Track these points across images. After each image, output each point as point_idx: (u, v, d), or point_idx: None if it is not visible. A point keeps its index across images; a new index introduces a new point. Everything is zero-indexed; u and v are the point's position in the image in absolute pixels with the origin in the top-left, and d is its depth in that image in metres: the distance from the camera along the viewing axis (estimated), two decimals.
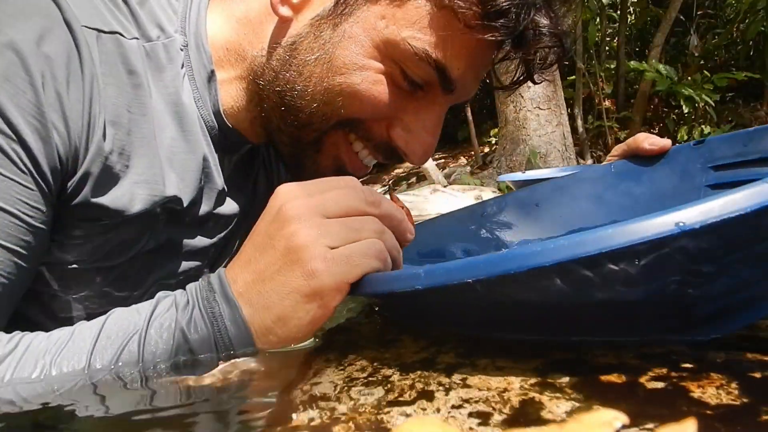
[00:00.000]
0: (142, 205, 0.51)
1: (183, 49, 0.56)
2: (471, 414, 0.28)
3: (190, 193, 0.56)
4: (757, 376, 0.28)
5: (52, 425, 0.35)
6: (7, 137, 0.43)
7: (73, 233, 0.50)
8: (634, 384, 0.29)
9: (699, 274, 0.29)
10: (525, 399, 0.29)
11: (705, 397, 0.27)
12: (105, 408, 0.37)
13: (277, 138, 0.59)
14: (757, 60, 5.00)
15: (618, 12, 5.25)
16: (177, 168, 0.54)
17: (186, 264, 0.60)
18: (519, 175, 2.32)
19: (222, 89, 0.57)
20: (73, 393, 0.39)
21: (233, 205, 0.63)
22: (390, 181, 5.12)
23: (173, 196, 0.53)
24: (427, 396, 0.31)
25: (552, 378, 0.31)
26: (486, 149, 5.35)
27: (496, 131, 4.81)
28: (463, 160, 5.46)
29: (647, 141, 0.66)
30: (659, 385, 0.28)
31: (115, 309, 0.45)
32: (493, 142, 5.31)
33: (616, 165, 0.68)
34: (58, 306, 0.53)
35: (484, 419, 0.27)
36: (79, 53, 0.46)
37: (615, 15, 5.39)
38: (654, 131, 5.06)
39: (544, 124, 3.84)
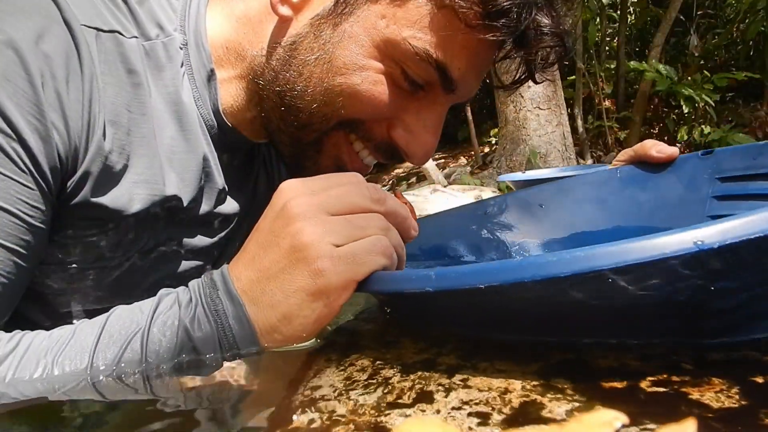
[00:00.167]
0: (141, 205, 0.51)
1: (182, 48, 0.55)
2: (471, 414, 0.28)
3: (190, 193, 0.56)
4: (759, 380, 0.28)
5: (53, 424, 0.35)
6: (7, 136, 0.43)
7: (73, 233, 0.50)
8: (634, 386, 0.29)
9: (712, 291, 0.29)
10: (526, 400, 0.29)
11: (705, 400, 0.27)
12: (107, 407, 0.37)
13: (278, 138, 0.58)
14: (757, 60, 5.00)
15: (618, 12, 5.25)
16: (177, 167, 0.54)
17: (187, 263, 0.60)
18: (519, 175, 2.33)
19: (222, 88, 0.57)
20: (76, 392, 0.39)
21: (234, 205, 0.63)
22: (390, 181, 5.12)
23: (173, 195, 0.53)
24: (427, 397, 0.30)
25: (553, 380, 0.31)
26: (486, 149, 5.35)
27: (496, 131, 4.81)
28: (463, 160, 5.46)
29: (655, 148, 0.65)
30: (660, 388, 0.28)
31: (117, 307, 0.45)
32: (493, 142, 5.31)
33: (621, 170, 0.67)
34: (58, 305, 0.52)
35: (483, 419, 0.27)
36: (79, 52, 0.46)
37: (615, 15, 5.39)
38: (654, 131, 5.06)
39: (544, 124, 3.83)
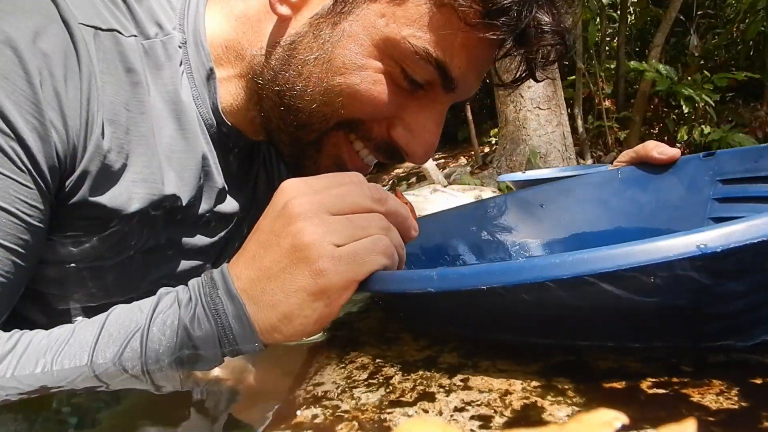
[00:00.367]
0: (140, 204, 0.51)
1: (181, 47, 0.55)
2: (473, 417, 0.28)
3: (189, 192, 0.55)
4: (758, 382, 0.28)
5: (53, 423, 0.35)
6: (6, 135, 0.43)
7: (72, 232, 0.49)
8: (635, 388, 0.29)
9: (714, 294, 0.29)
10: (527, 403, 0.29)
11: (705, 401, 0.26)
12: (106, 400, 0.37)
13: (277, 137, 0.58)
14: (757, 60, 5.00)
15: (618, 12, 5.24)
16: (176, 166, 0.54)
17: (186, 263, 0.60)
18: (519, 175, 2.32)
19: (221, 87, 0.57)
20: (76, 391, 0.39)
21: (234, 204, 0.63)
22: (390, 181, 5.12)
23: (172, 194, 0.53)
24: (429, 397, 0.30)
25: (554, 381, 0.31)
26: (486, 149, 5.35)
27: (496, 131, 4.81)
28: (463, 160, 5.46)
29: (656, 149, 0.65)
30: (660, 389, 0.28)
31: (116, 306, 0.45)
32: (493, 142, 5.31)
33: (623, 171, 0.67)
34: (56, 304, 0.52)
35: (485, 422, 0.27)
36: (77, 51, 0.46)
37: (615, 15, 5.39)
38: (654, 131, 5.06)
39: (544, 124, 3.83)
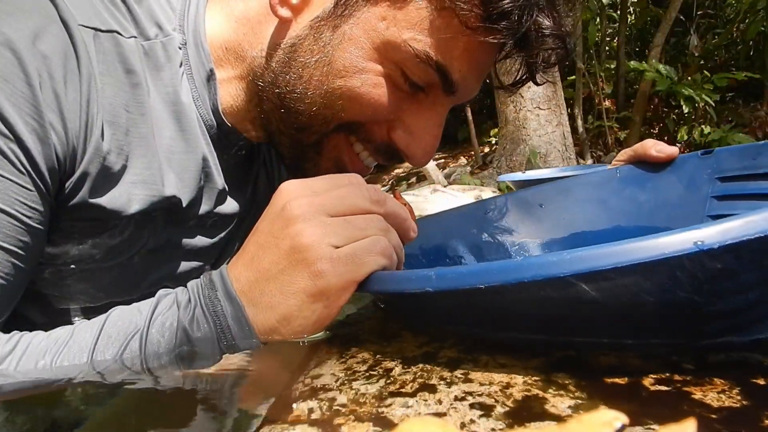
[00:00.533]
0: (140, 205, 0.51)
1: (181, 48, 0.55)
2: (473, 405, 0.27)
3: (189, 193, 0.55)
4: (760, 381, 0.28)
5: (53, 421, 0.35)
6: (5, 137, 0.43)
7: (72, 234, 0.49)
8: (636, 384, 0.29)
9: (712, 292, 0.29)
10: (528, 394, 0.29)
11: (707, 399, 0.26)
12: (105, 400, 0.37)
13: (278, 139, 0.58)
14: (757, 60, 5.00)
15: (618, 12, 5.24)
16: (176, 168, 0.54)
17: (186, 264, 0.60)
18: (519, 175, 2.33)
19: (221, 88, 0.57)
20: (75, 390, 0.39)
21: (234, 205, 0.62)
22: (390, 181, 5.12)
23: (172, 196, 0.53)
24: (429, 389, 0.30)
25: (554, 376, 0.31)
26: (486, 149, 5.35)
27: (496, 131, 4.81)
28: (463, 160, 5.46)
29: (654, 148, 0.65)
30: (662, 386, 0.28)
31: (116, 308, 0.45)
32: (493, 142, 5.31)
33: (621, 170, 0.67)
34: (56, 305, 0.52)
35: (486, 411, 0.27)
36: (76, 52, 0.46)
37: (615, 15, 5.39)
38: (654, 131, 5.06)
39: (544, 124, 3.83)
